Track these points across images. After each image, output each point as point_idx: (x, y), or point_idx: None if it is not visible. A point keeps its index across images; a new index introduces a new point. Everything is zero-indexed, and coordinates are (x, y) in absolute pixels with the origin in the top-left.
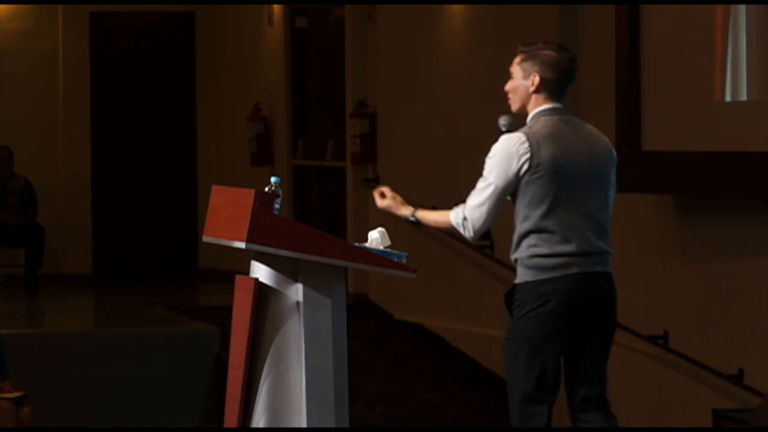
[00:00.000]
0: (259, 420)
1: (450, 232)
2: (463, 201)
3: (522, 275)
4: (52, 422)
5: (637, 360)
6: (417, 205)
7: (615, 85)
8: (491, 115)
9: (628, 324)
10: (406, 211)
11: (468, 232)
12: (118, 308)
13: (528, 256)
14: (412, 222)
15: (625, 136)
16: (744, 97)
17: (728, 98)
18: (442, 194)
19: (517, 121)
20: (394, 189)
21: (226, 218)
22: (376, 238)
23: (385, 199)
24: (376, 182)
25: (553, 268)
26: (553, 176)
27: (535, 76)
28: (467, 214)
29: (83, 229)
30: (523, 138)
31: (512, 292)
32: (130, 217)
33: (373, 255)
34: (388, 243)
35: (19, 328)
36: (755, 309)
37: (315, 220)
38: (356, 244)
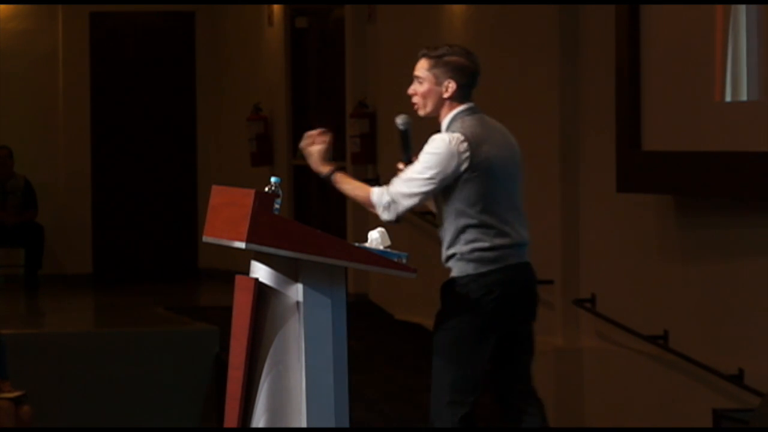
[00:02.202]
0: (259, 420)
1: (361, 205)
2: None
3: (462, 269)
4: (52, 422)
5: (637, 360)
6: (339, 168)
7: (615, 85)
8: (490, 115)
9: (628, 324)
10: (323, 168)
11: (389, 215)
12: (118, 308)
13: (469, 250)
14: (326, 179)
15: (625, 136)
16: (744, 97)
17: (728, 98)
18: None
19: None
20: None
21: (226, 218)
22: (376, 238)
23: (313, 145)
24: (376, 182)
25: (494, 260)
26: (489, 173)
27: (450, 82)
28: (396, 199)
29: (83, 229)
30: (462, 138)
31: (450, 285)
32: (130, 217)
33: (373, 255)
34: (388, 243)
35: (19, 328)
36: (755, 309)
37: (315, 220)
38: (356, 244)
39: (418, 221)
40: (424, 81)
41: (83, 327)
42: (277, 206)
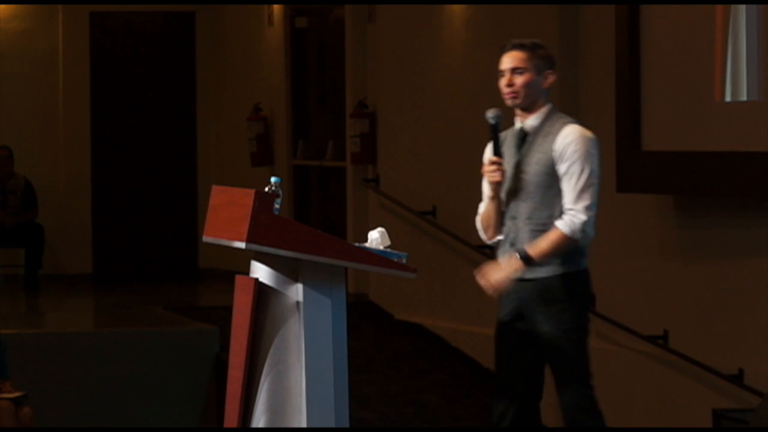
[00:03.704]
0: (259, 420)
1: (561, 249)
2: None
3: (575, 263)
4: (52, 422)
5: (637, 360)
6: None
7: (615, 85)
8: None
9: (628, 324)
10: (516, 264)
11: (591, 231)
12: (118, 308)
13: (585, 245)
14: (525, 262)
15: (625, 136)
16: (744, 97)
17: (728, 98)
18: (442, 194)
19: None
20: (394, 189)
21: (226, 218)
22: (376, 238)
23: (493, 275)
24: (376, 182)
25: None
26: None
27: (551, 74)
28: (588, 217)
29: (83, 229)
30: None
31: (568, 280)
32: (130, 217)
33: (373, 255)
34: (388, 243)
35: (19, 328)
36: (755, 309)
37: (315, 220)
38: (356, 244)
39: (418, 221)
40: (525, 71)
41: (83, 327)
42: (277, 206)
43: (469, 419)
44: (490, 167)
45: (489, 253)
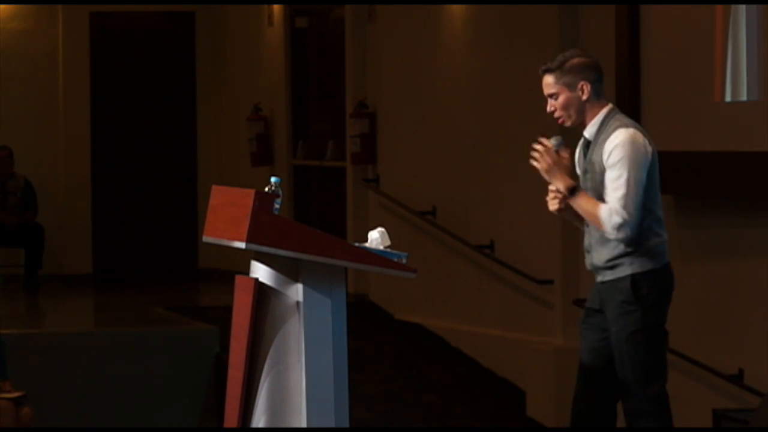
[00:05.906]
0: (259, 420)
1: (594, 220)
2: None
3: (643, 264)
4: (52, 422)
5: None
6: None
7: (615, 85)
8: (491, 115)
9: None
10: (569, 182)
11: (623, 233)
12: (118, 308)
13: (656, 243)
14: (570, 193)
15: None
16: (744, 97)
17: (728, 98)
18: (442, 194)
19: (565, 139)
20: (394, 189)
21: (226, 218)
22: (376, 238)
23: (559, 162)
24: (376, 182)
25: (666, 252)
26: (656, 167)
27: (583, 83)
28: (624, 217)
29: (83, 229)
30: (639, 132)
31: (635, 282)
32: (130, 217)
33: (373, 255)
34: (388, 243)
35: (19, 328)
36: (755, 309)
37: (315, 220)
38: (356, 244)
39: (418, 221)
40: (559, 94)
41: (83, 327)
42: (277, 206)
43: (469, 419)
44: (548, 196)
45: (488, 253)
